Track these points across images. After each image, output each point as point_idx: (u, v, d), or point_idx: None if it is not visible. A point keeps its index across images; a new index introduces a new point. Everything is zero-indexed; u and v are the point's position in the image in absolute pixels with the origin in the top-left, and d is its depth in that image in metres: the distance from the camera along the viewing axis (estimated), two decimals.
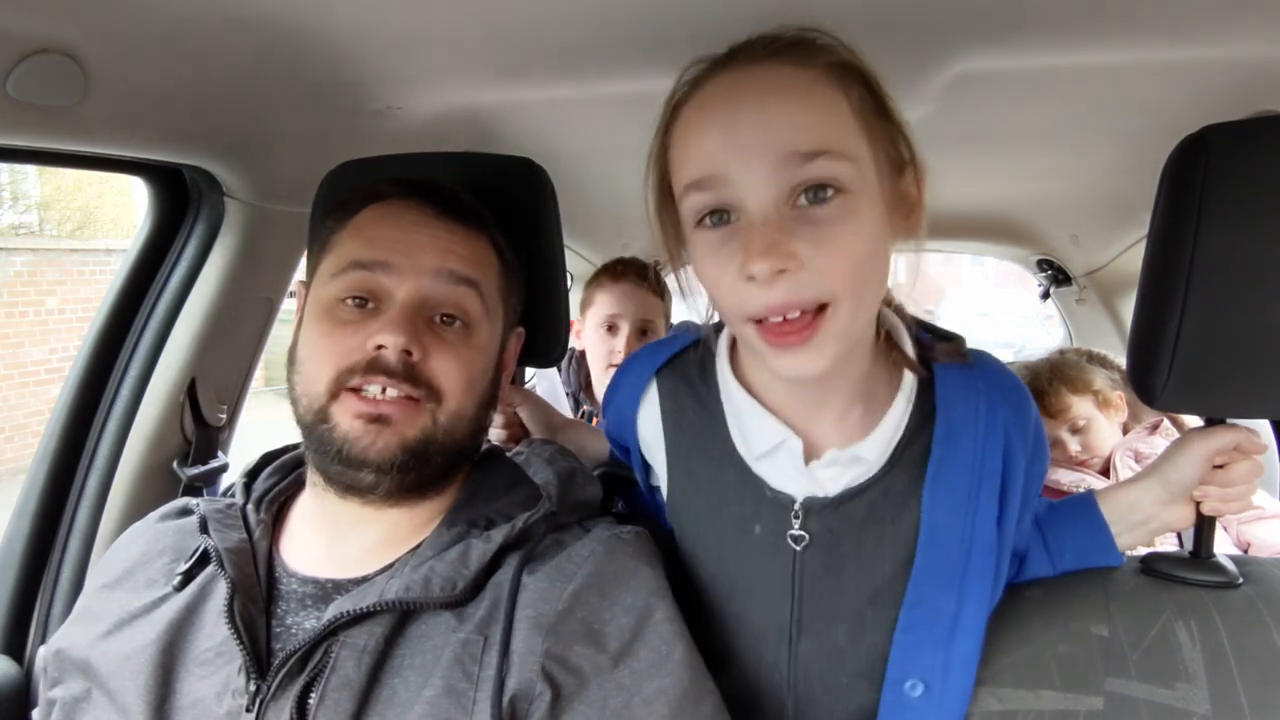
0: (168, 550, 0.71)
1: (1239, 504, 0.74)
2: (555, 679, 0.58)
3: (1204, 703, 0.65)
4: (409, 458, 0.64)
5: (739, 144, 0.58)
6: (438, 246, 0.67)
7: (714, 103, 0.60)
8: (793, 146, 0.56)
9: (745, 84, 0.59)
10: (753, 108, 0.58)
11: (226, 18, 0.74)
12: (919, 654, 0.66)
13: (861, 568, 0.67)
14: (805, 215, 0.57)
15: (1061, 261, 2.22)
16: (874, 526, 0.67)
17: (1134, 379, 0.73)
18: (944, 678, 0.67)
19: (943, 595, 0.66)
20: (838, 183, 0.57)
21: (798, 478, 0.68)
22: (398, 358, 0.63)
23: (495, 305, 0.72)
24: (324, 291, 0.67)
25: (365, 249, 0.67)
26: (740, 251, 0.58)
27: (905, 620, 0.66)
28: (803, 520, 0.68)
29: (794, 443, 0.67)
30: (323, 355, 0.65)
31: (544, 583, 0.62)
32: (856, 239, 0.58)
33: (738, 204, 0.58)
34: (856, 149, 0.59)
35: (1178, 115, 0.82)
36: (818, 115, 0.58)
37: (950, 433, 0.67)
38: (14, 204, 7.24)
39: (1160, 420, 1.48)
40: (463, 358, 0.67)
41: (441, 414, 0.66)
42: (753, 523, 0.70)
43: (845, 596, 0.68)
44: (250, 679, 0.59)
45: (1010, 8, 0.79)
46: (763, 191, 0.57)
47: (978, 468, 0.66)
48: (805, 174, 0.57)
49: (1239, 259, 0.65)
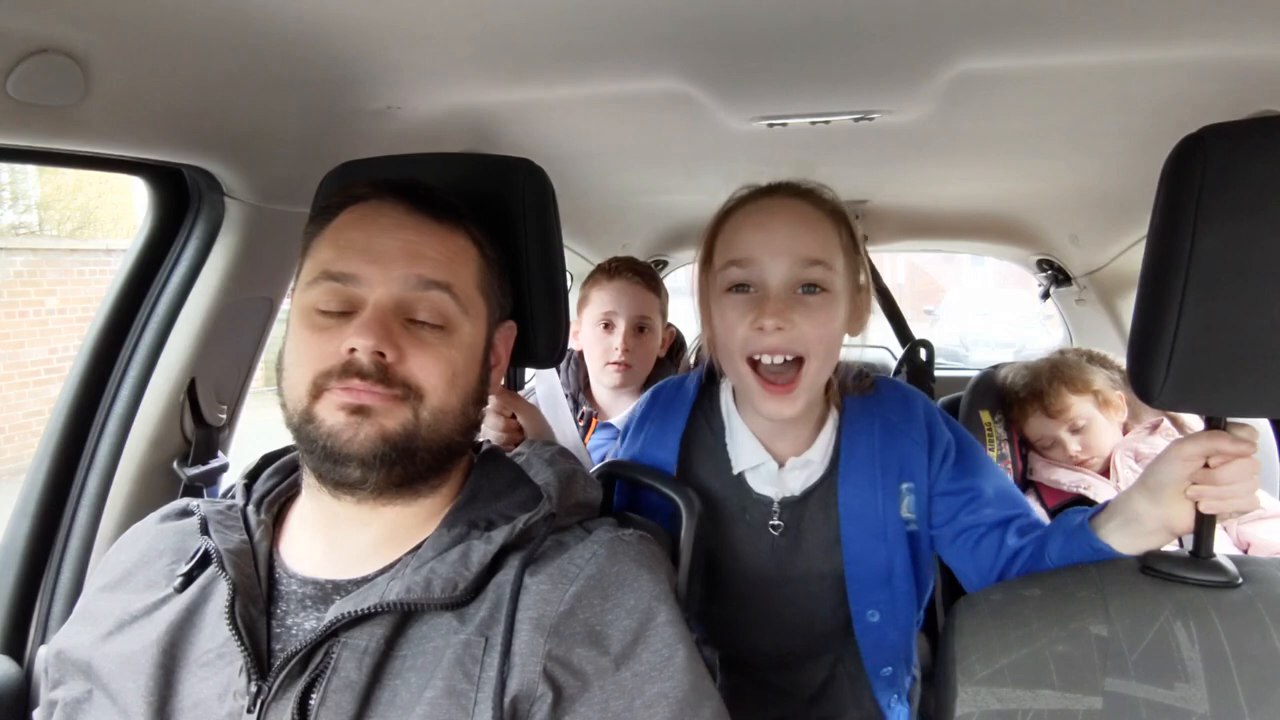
0: (168, 551, 0.71)
1: (1235, 504, 0.74)
2: (557, 680, 0.58)
3: (1203, 703, 0.65)
4: (391, 450, 0.64)
5: (770, 244, 0.87)
6: (408, 252, 0.67)
7: (757, 214, 0.90)
8: (803, 253, 0.86)
9: (780, 208, 0.90)
10: (783, 224, 0.88)
11: (226, 18, 0.74)
12: (869, 594, 0.95)
13: (816, 538, 0.96)
14: (800, 299, 0.87)
15: (1061, 261, 2.22)
16: (820, 511, 0.96)
17: (1133, 378, 0.74)
18: (893, 607, 0.96)
19: (872, 552, 0.94)
20: (825, 283, 0.87)
21: (771, 486, 0.97)
22: (370, 360, 0.63)
23: (474, 303, 0.71)
24: (303, 299, 0.68)
25: (336, 259, 0.67)
26: (755, 310, 0.86)
27: (851, 571, 0.95)
28: (778, 514, 0.96)
29: (770, 465, 0.96)
30: (302, 360, 0.65)
31: (546, 584, 0.62)
32: (830, 321, 0.88)
33: (760, 282, 0.87)
34: (838, 265, 0.88)
35: (1177, 115, 0.82)
36: (821, 238, 0.88)
37: (852, 443, 0.95)
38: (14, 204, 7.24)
39: (1160, 420, 1.48)
40: (442, 356, 0.67)
41: (424, 410, 0.66)
42: (744, 513, 0.97)
43: (809, 559, 0.96)
44: (251, 680, 0.59)
45: (1010, 8, 0.79)
46: (779, 277, 0.86)
47: (877, 462, 0.94)
48: (807, 274, 0.86)
49: (1238, 258, 0.65)
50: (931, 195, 1.82)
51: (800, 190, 0.91)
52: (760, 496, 0.96)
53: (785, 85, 1.01)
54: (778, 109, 1.11)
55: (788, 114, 1.12)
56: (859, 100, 1.07)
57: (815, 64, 0.95)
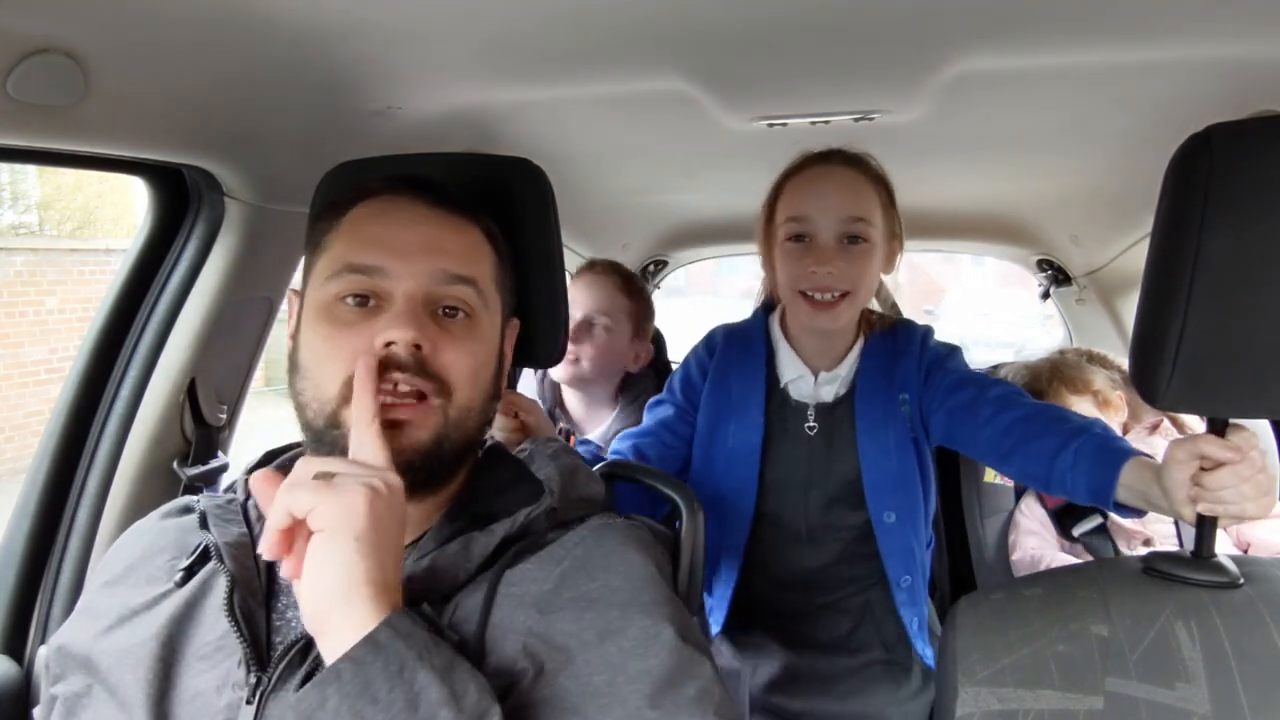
0: (169, 547, 0.71)
1: (1234, 509, 0.73)
2: (538, 655, 0.58)
3: (1204, 703, 0.65)
4: (422, 459, 0.64)
5: (822, 204, 1.07)
6: (431, 246, 0.67)
7: (812, 178, 1.10)
8: (849, 213, 1.06)
9: (831, 173, 1.09)
10: (834, 188, 1.08)
11: (226, 18, 0.74)
12: (884, 495, 1.12)
13: (842, 439, 1.14)
14: (845, 249, 1.07)
15: (1061, 261, 2.22)
16: (845, 418, 1.14)
17: (1136, 378, 0.73)
18: (910, 510, 1.13)
19: (884, 458, 1.12)
20: (865, 235, 1.07)
21: (809, 394, 1.16)
22: (408, 352, 0.63)
23: (493, 297, 0.71)
24: (321, 293, 0.67)
25: (360, 251, 0.66)
26: (810, 257, 1.06)
27: (868, 479, 1.12)
28: (813, 417, 1.15)
29: (808, 376, 1.16)
30: (331, 358, 0.64)
31: (533, 565, 0.63)
32: (868, 266, 1.08)
33: (813, 234, 1.07)
34: (877, 221, 1.08)
35: (1178, 115, 0.82)
36: (864, 199, 1.07)
37: (868, 364, 1.15)
38: (14, 204, 7.24)
39: (1160, 420, 1.48)
40: (468, 349, 0.67)
41: (452, 409, 0.65)
42: (785, 422, 1.16)
43: (836, 460, 1.14)
44: (250, 671, 0.59)
45: (1010, 8, 0.79)
46: (829, 231, 1.07)
47: (885, 378, 1.13)
48: (852, 228, 1.06)
49: (1244, 258, 0.65)
50: (931, 195, 1.81)
51: (848, 157, 1.10)
52: (798, 403, 1.16)
53: (785, 85, 1.02)
54: (778, 109, 1.11)
55: (788, 114, 1.12)
56: (859, 100, 1.08)
57: (815, 64, 0.95)
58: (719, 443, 1.17)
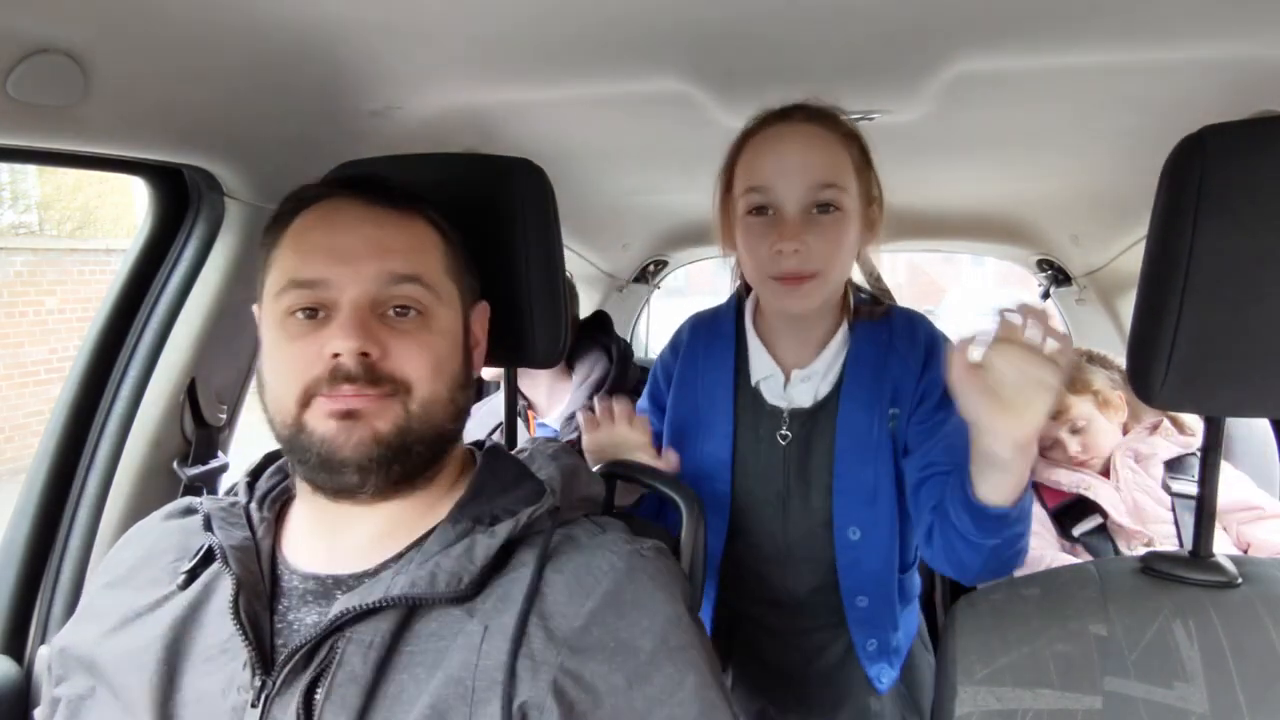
0: (172, 549, 0.71)
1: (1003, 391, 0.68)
2: (567, 694, 0.58)
3: (1202, 702, 0.65)
4: (386, 452, 0.64)
5: (785, 169, 0.90)
6: (374, 248, 0.66)
7: (773, 140, 0.93)
8: (816, 177, 0.90)
9: (794, 133, 0.92)
10: (798, 149, 0.91)
11: (227, 18, 0.74)
12: (852, 510, 0.98)
13: (820, 449, 0.99)
14: (815, 220, 0.90)
15: (1061, 261, 2.22)
16: (826, 425, 0.99)
17: (1132, 377, 0.74)
18: (874, 527, 0.99)
19: (860, 469, 0.97)
20: (837, 203, 0.91)
21: (781, 398, 1.01)
22: (355, 361, 0.63)
23: (445, 287, 0.70)
24: (272, 310, 0.67)
25: (302, 265, 0.66)
26: (774, 233, 0.90)
27: (838, 485, 0.98)
28: (787, 424, 1.01)
29: (779, 376, 1.01)
30: (284, 371, 0.65)
31: (562, 595, 0.62)
32: (842, 237, 0.92)
33: (778, 205, 0.91)
34: (850, 185, 0.92)
35: (1177, 115, 0.82)
36: (833, 161, 0.91)
37: (857, 363, 0.99)
38: (14, 204, 7.24)
39: (1160, 420, 1.48)
40: (424, 344, 0.66)
41: (413, 403, 0.65)
42: (757, 427, 1.02)
43: (810, 472, 1.00)
44: (255, 674, 0.59)
45: (1010, 8, 0.79)
46: (794, 201, 0.90)
47: (876, 383, 0.97)
48: (821, 195, 0.90)
49: (1237, 258, 0.66)
50: (931, 195, 1.81)
51: (812, 113, 0.93)
52: (772, 408, 1.02)
53: (785, 85, 1.02)
54: None
55: None
56: (858, 100, 1.07)
57: (815, 64, 0.95)
58: (687, 450, 1.04)
